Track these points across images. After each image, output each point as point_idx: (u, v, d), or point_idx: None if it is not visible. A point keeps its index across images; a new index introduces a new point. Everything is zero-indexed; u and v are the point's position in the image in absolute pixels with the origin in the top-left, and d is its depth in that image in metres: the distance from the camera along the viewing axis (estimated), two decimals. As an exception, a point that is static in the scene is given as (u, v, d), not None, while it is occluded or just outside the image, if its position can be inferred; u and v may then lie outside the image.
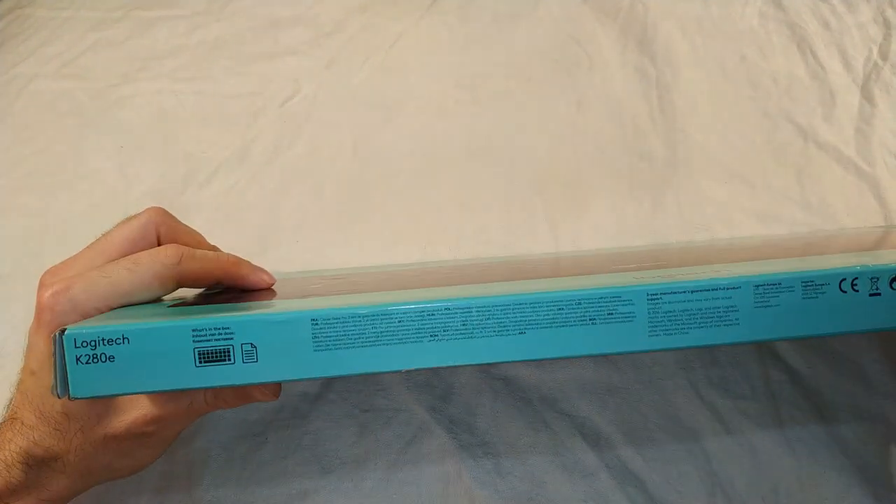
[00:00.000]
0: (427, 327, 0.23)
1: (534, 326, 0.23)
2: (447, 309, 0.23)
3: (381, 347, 0.23)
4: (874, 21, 0.57)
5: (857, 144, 0.50)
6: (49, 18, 0.64)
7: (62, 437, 0.26)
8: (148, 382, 0.23)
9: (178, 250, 0.26)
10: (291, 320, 0.23)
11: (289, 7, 0.63)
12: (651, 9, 0.59)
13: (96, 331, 0.22)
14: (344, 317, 0.23)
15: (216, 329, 0.22)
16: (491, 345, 0.23)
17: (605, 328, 0.23)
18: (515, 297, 0.23)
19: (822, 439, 0.38)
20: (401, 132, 0.53)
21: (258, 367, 0.23)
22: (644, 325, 0.23)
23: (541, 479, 0.37)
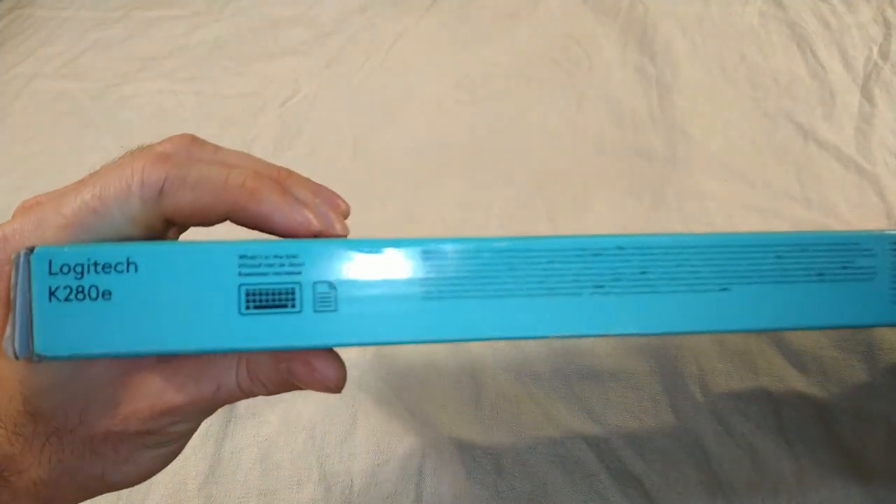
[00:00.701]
0: (590, 274, 0.16)
1: (741, 280, 0.16)
2: (619, 248, 0.16)
3: (520, 300, 0.16)
4: (874, 21, 0.57)
5: (857, 144, 0.50)
6: (49, 18, 0.64)
7: (27, 445, 0.18)
8: (161, 336, 0.15)
9: (161, 171, 0.17)
10: (391, 251, 0.16)
11: (289, 7, 0.63)
12: (651, 8, 0.59)
13: (86, 251, 0.15)
14: (470, 251, 0.16)
15: (278, 258, 0.16)
16: (681, 305, 0.16)
17: (835, 288, 0.17)
18: (718, 238, 0.17)
19: (822, 440, 0.38)
20: (401, 132, 0.53)
21: (336, 319, 0.16)
22: (887, 286, 0.17)
23: (542, 479, 0.37)
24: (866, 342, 0.41)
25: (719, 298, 0.16)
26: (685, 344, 0.41)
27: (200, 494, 0.38)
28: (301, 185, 0.19)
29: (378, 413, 0.40)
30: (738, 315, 0.17)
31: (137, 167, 0.17)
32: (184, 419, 0.19)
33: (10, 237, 0.16)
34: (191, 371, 0.18)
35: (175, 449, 0.21)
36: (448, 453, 0.38)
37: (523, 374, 0.41)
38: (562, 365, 0.41)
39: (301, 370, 0.18)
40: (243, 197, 0.17)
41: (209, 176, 0.17)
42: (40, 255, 0.15)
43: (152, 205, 0.17)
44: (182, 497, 0.38)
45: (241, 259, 0.16)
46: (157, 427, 0.19)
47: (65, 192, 0.17)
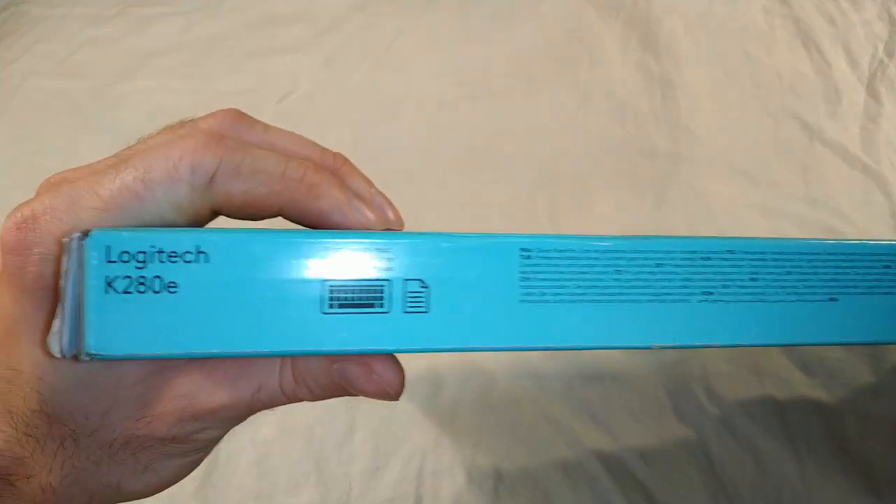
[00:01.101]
0: (698, 278, 0.15)
1: (849, 290, 0.16)
2: (730, 252, 0.15)
3: (625, 306, 0.15)
4: (879, 18, 0.56)
5: (862, 142, 0.49)
6: (44, 16, 0.63)
7: (38, 447, 0.16)
8: (233, 337, 0.14)
9: (215, 158, 0.15)
10: (489, 247, 0.15)
11: (286, 3, 0.62)
12: (654, 5, 0.58)
13: (150, 238, 0.13)
14: (575, 251, 0.15)
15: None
16: (788, 314, 0.15)
17: None
18: (827, 245, 0.16)
19: (827, 443, 0.37)
20: (400, 130, 0.53)
21: (428, 321, 0.14)
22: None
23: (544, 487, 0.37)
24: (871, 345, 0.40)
25: (827, 309, 0.16)
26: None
27: (196, 498, 0.37)
28: (356, 174, 0.18)
29: (377, 416, 0.39)
30: (846, 327, 0.16)
31: (187, 149, 0.15)
32: (214, 425, 0.17)
33: (41, 216, 0.14)
34: (228, 371, 0.16)
35: (196, 460, 0.19)
36: (448, 456, 0.38)
37: (525, 377, 0.40)
38: (564, 367, 0.40)
39: (357, 372, 0.16)
40: (301, 192, 0.16)
41: (265, 166, 0.15)
42: (97, 240, 0.13)
43: (201, 192, 0.15)
44: (178, 501, 0.37)
45: (326, 252, 0.14)
46: (185, 433, 0.17)
47: (101, 171, 0.15)
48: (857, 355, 0.40)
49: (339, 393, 0.17)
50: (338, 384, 0.17)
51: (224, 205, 0.16)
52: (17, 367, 0.16)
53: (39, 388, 0.16)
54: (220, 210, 0.16)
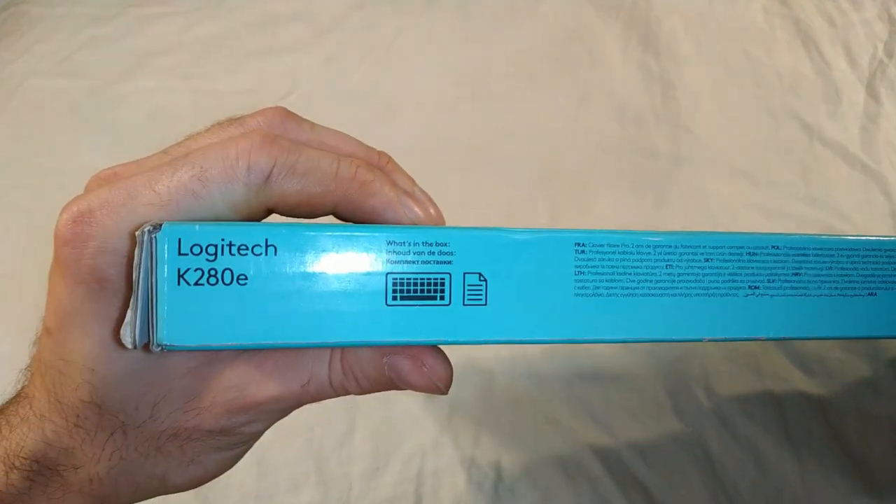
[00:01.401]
0: (745, 273, 0.16)
1: (889, 285, 0.16)
2: (775, 248, 0.16)
3: (675, 299, 0.15)
4: (879, 18, 0.56)
5: (862, 142, 0.49)
6: (43, 16, 0.63)
7: (88, 439, 0.16)
8: (301, 328, 0.14)
9: (270, 158, 0.15)
10: (544, 242, 0.15)
11: (286, 3, 0.62)
12: (654, 5, 0.58)
13: (220, 231, 0.14)
14: (626, 245, 0.15)
15: (427, 245, 0.15)
16: (829, 309, 0.16)
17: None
18: (867, 242, 0.16)
19: (827, 442, 0.37)
20: (400, 130, 0.53)
21: (486, 314, 0.15)
22: None
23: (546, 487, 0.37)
24: (871, 344, 0.40)
25: (866, 303, 0.16)
26: (689, 346, 0.40)
27: (196, 498, 0.37)
28: (401, 172, 0.18)
29: (377, 416, 0.39)
30: (884, 321, 0.16)
31: (243, 149, 0.15)
32: (262, 418, 0.17)
33: (97, 210, 0.15)
34: (278, 363, 0.17)
35: (239, 453, 0.19)
36: (448, 456, 0.38)
37: (525, 376, 0.40)
38: (564, 367, 0.40)
39: (407, 366, 0.17)
40: (354, 189, 0.16)
41: (319, 165, 0.16)
42: (169, 234, 0.14)
43: (256, 191, 0.15)
44: (178, 501, 0.37)
45: (388, 245, 0.15)
46: (232, 425, 0.17)
47: (156, 167, 0.15)
48: (857, 355, 0.40)
49: (388, 386, 0.17)
50: (387, 377, 0.17)
51: (279, 204, 0.16)
52: (68, 358, 0.16)
53: (91, 378, 0.16)
54: (275, 209, 0.16)
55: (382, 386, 0.17)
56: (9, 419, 0.17)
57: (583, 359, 0.41)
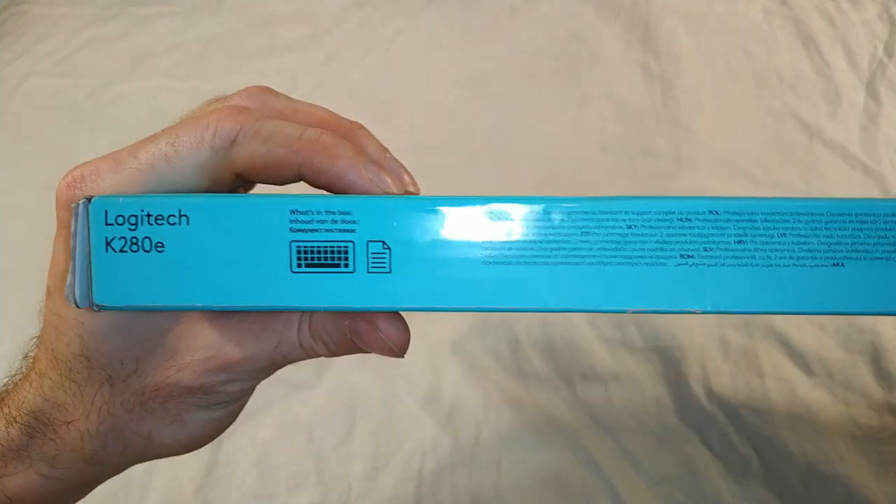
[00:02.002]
0: (676, 241, 0.14)
1: (859, 255, 0.14)
2: (713, 213, 0.14)
3: (594, 268, 0.14)
4: (879, 18, 0.56)
5: (862, 142, 0.49)
6: (44, 15, 0.63)
7: (78, 392, 0.18)
8: (212, 290, 0.15)
9: (235, 122, 0.16)
10: (452, 209, 0.15)
11: (286, 3, 0.62)
12: (654, 5, 0.58)
13: (140, 203, 0.15)
14: (539, 212, 0.14)
15: (330, 213, 0.15)
16: (783, 281, 0.14)
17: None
18: (830, 204, 0.14)
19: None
20: (400, 129, 0.53)
21: (391, 281, 0.15)
22: None
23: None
24: (872, 343, 0.40)
25: (830, 275, 0.14)
26: (688, 346, 0.40)
27: (197, 498, 0.37)
28: (372, 140, 0.19)
29: (377, 416, 0.39)
30: (852, 296, 0.14)
31: (213, 118, 0.16)
32: (239, 377, 0.18)
33: (87, 176, 0.16)
34: (252, 326, 0.18)
35: (223, 416, 0.20)
36: (448, 456, 0.38)
37: (525, 376, 0.40)
38: (564, 367, 0.40)
39: (364, 329, 0.17)
40: (317, 152, 0.16)
41: (283, 130, 0.16)
42: (97, 205, 0.15)
43: (222, 155, 0.16)
44: (178, 500, 0.37)
45: (292, 214, 0.15)
46: (211, 383, 0.18)
47: (143, 141, 0.17)
48: (858, 354, 0.40)
49: (352, 349, 0.18)
50: (349, 340, 0.18)
51: (247, 168, 0.17)
52: (62, 314, 0.17)
53: (81, 332, 0.17)
54: (244, 173, 0.17)
55: (348, 348, 0.18)
56: (15, 382, 0.19)
57: (583, 359, 0.41)
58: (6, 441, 0.18)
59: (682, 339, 0.40)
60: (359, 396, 0.40)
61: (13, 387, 0.19)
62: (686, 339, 0.40)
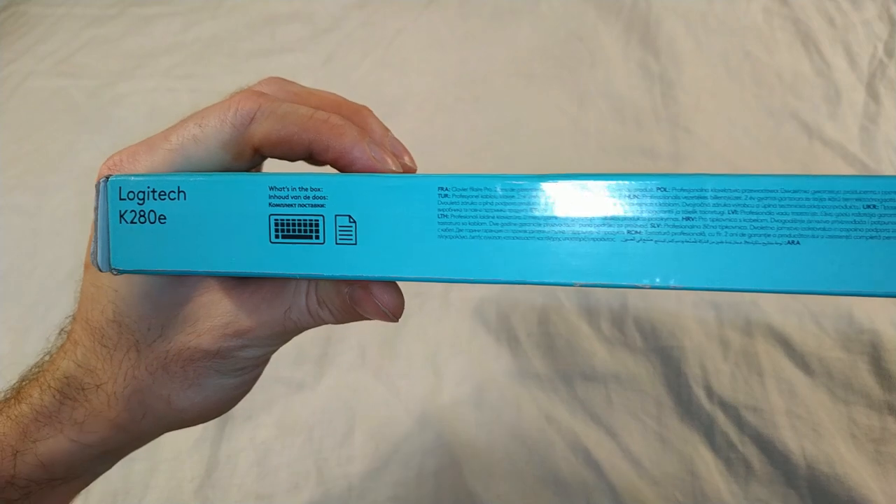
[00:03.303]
0: (624, 218, 0.15)
1: (816, 233, 0.14)
2: (661, 190, 0.14)
3: (542, 243, 0.15)
4: (879, 18, 0.56)
5: (861, 142, 0.49)
6: (44, 16, 0.63)
7: (108, 356, 0.20)
8: (206, 258, 0.17)
9: (255, 103, 0.18)
10: (408, 186, 0.16)
11: (286, 3, 0.62)
12: (654, 5, 0.58)
13: (146, 180, 0.17)
14: (489, 189, 0.15)
15: (303, 190, 0.16)
16: (735, 258, 0.14)
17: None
18: (786, 181, 0.14)
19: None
20: (400, 129, 0.52)
21: (356, 252, 0.16)
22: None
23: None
24: (872, 343, 0.40)
25: (785, 253, 0.14)
26: (688, 346, 0.40)
27: (197, 498, 0.37)
28: (376, 122, 0.21)
29: (377, 416, 0.39)
30: (808, 275, 0.14)
31: (235, 100, 0.19)
32: (254, 343, 0.20)
33: (125, 160, 0.18)
34: (266, 295, 0.20)
35: (239, 384, 0.22)
36: (448, 456, 0.38)
37: (525, 376, 0.40)
38: (564, 367, 0.40)
39: (360, 295, 0.19)
40: (325, 130, 0.18)
41: (297, 110, 0.19)
42: (113, 183, 0.17)
43: (242, 131, 0.18)
44: (178, 500, 0.37)
45: (270, 190, 0.16)
46: (228, 347, 0.20)
47: (174, 126, 0.19)
48: (858, 354, 0.40)
49: (354, 314, 0.20)
50: (349, 307, 0.20)
51: (263, 142, 0.19)
52: (99, 284, 0.19)
53: (115, 298, 0.19)
54: (261, 148, 0.19)
55: (349, 314, 0.20)
56: (52, 355, 0.21)
57: (583, 359, 0.41)
58: (40, 407, 0.20)
59: (681, 339, 0.40)
60: (359, 396, 0.40)
61: (49, 360, 0.21)
62: (686, 339, 0.40)
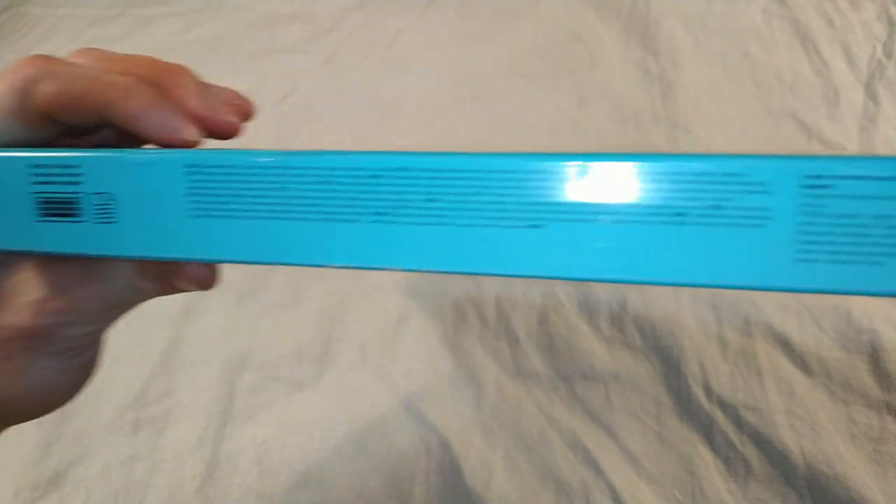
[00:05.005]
0: (369, 198, 0.14)
1: (561, 216, 0.13)
2: (403, 170, 0.14)
3: (291, 223, 0.15)
4: (878, 19, 0.57)
5: (861, 142, 0.49)
6: (44, 16, 0.63)
7: None
8: None
9: (36, 67, 0.17)
10: (157, 162, 0.15)
11: (286, 4, 0.62)
12: (653, 5, 0.58)
13: None
14: (238, 167, 0.15)
15: (62, 168, 0.16)
16: (477, 241, 0.14)
17: (702, 234, 0.13)
18: (525, 161, 0.13)
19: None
20: (400, 130, 0.53)
21: (116, 231, 0.16)
22: (789, 237, 0.12)
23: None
24: (871, 343, 0.40)
25: (528, 237, 0.13)
26: (688, 345, 0.40)
27: (197, 497, 0.37)
28: (189, 83, 0.18)
29: (377, 416, 0.39)
30: (554, 259, 0.13)
31: (19, 64, 0.17)
32: (75, 320, 0.19)
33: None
34: (83, 269, 0.19)
35: (68, 368, 0.20)
36: (448, 456, 0.38)
37: (524, 376, 0.40)
38: (564, 367, 0.40)
39: (172, 266, 0.19)
40: (112, 92, 0.16)
41: (84, 71, 0.17)
42: None
43: (24, 95, 0.17)
44: (179, 500, 0.37)
45: (32, 169, 0.16)
46: (47, 325, 0.18)
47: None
48: (857, 354, 0.40)
49: (171, 287, 0.19)
50: (166, 277, 0.19)
51: (48, 106, 0.17)
52: None
53: None
54: (50, 113, 0.17)
55: (170, 286, 0.19)
56: None
57: (583, 359, 0.41)
58: None
59: (681, 338, 0.41)
60: (359, 396, 0.40)
61: None
62: (685, 338, 0.41)
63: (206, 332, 0.43)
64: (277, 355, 0.42)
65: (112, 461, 0.38)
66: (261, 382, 0.41)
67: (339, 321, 0.43)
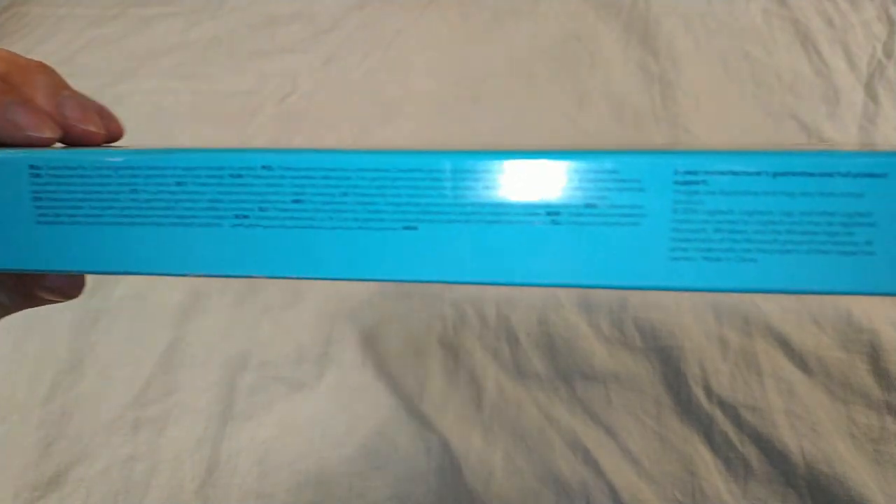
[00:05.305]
0: (230, 199, 0.13)
1: (436, 217, 0.13)
2: (266, 169, 0.13)
3: (146, 229, 0.14)
4: (878, 19, 0.57)
5: (860, 142, 0.50)
6: (45, 16, 0.63)
7: None
8: None
9: None
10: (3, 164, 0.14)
11: (286, 4, 0.62)
12: (654, 5, 0.58)
13: None
14: (84, 168, 0.14)
15: None
16: (347, 245, 0.13)
17: (575, 234, 0.12)
18: (401, 159, 0.13)
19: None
20: (400, 130, 0.53)
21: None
22: (663, 235, 0.12)
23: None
24: (871, 342, 0.40)
25: (403, 239, 0.13)
26: (687, 345, 0.40)
27: (198, 497, 0.37)
28: (47, 80, 0.17)
29: (377, 416, 0.39)
30: (429, 263, 0.13)
31: None
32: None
33: None
34: None
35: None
36: (448, 456, 0.38)
37: (525, 376, 0.40)
38: (564, 367, 0.40)
39: (29, 277, 0.18)
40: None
41: None
42: None
43: None
44: (179, 500, 0.37)
45: None
46: None
47: None
48: (857, 354, 0.40)
49: (31, 298, 0.18)
50: (27, 299, 0.18)
51: None
52: None
53: None
54: None
55: (31, 299, 0.18)
56: None
57: (583, 358, 0.41)
58: None
59: (681, 338, 0.41)
60: (359, 396, 0.40)
61: None
62: (685, 338, 0.41)
63: (206, 332, 0.43)
64: (277, 355, 0.42)
65: (112, 461, 0.38)
66: (261, 382, 0.41)
67: (339, 321, 0.43)
